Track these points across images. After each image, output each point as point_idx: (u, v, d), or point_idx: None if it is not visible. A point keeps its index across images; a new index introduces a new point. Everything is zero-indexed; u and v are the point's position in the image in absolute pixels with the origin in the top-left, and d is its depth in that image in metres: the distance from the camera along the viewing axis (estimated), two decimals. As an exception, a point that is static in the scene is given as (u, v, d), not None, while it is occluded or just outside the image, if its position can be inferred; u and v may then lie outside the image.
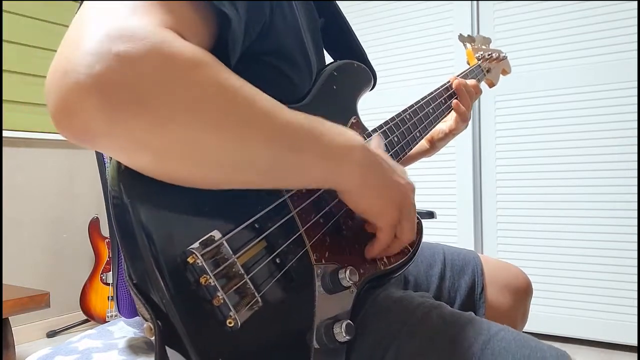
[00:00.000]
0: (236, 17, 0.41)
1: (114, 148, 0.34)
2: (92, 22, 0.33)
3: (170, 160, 0.35)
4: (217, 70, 0.36)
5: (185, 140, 0.34)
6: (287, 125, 0.40)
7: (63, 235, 2.36)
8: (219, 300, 0.37)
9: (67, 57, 0.32)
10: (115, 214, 0.38)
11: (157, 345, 0.36)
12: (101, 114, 0.31)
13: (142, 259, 0.36)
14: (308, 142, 0.42)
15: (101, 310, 2.20)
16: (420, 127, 0.73)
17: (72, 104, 0.31)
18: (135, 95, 0.31)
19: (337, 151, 0.44)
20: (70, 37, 0.34)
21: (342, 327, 0.44)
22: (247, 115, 0.37)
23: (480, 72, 0.98)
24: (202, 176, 0.38)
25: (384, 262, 0.56)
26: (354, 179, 0.47)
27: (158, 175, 0.37)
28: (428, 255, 0.81)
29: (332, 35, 0.74)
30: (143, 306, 0.37)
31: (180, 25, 0.37)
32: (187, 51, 0.34)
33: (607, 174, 1.90)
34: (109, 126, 0.32)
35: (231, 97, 0.36)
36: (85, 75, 0.31)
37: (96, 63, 0.31)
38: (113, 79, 0.31)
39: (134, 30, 0.32)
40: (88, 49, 0.31)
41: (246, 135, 0.37)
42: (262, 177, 0.41)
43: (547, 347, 0.52)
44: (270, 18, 0.50)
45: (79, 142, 0.34)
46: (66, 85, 0.31)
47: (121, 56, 0.31)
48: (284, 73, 0.54)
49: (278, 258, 0.44)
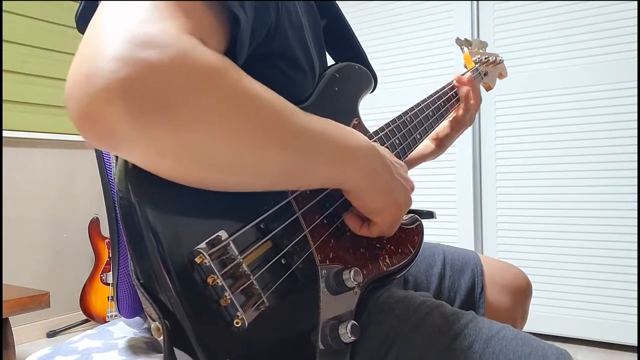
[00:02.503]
0: (244, 19, 0.42)
1: (137, 153, 0.34)
2: (112, 26, 0.33)
3: (191, 165, 0.36)
4: (238, 77, 0.36)
5: (206, 147, 0.35)
6: (301, 131, 0.41)
7: (63, 235, 2.36)
8: (226, 300, 0.38)
9: (89, 62, 0.32)
10: (123, 214, 0.38)
11: (166, 345, 0.36)
12: (126, 119, 0.31)
13: (149, 259, 0.36)
14: (319, 147, 0.43)
15: (101, 310, 2.20)
16: (420, 129, 0.74)
17: (96, 109, 0.31)
18: (160, 102, 0.32)
19: (345, 153, 0.46)
20: (89, 41, 0.33)
21: (347, 328, 0.45)
22: (267, 121, 0.38)
23: (478, 76, 0.99)
24: (215, 179, 0.38)
25: (387, 263, 0.56)
26: (360, 180, 0.48)
27: (175, 178, 0.37)
28: (428, 255, 0.81)
29: (334, 37, 0.74)
30: (150, 306, 0.37)
31: (199, 29, 0.37)
32: (210, 59, 0.34)
33: (607, 174, 1.90)
34: (133, 132, 0.32)
35: (252, 103, 0.37)
36: (111, 80, 0.31)
37: (121, 69, 0.31)
38: (139, 85, 0.31)
39: (157, 36, 0.33)
40: (113, 54, 0.31)
41: (265, 140, 0.38)
42: (273, 180, 0.42)
43: (548, 346, 0.52)
44: (277, 20, 0.50)
45: (101, 147, 0.34)
46: (91, 91, 0.31)
47: (147, 63, 0.31)
48: (287, 74, 0.54)
49: (283, 259, 0.44)
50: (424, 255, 0.81)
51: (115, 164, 0.40)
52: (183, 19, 0.36)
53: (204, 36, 0.37)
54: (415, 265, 0.79)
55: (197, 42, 0.35)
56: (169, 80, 0.32)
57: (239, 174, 0.38)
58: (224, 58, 0.36)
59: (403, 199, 0.53)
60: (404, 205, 0.53)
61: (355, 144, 0.47)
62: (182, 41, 0.34)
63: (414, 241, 0.60)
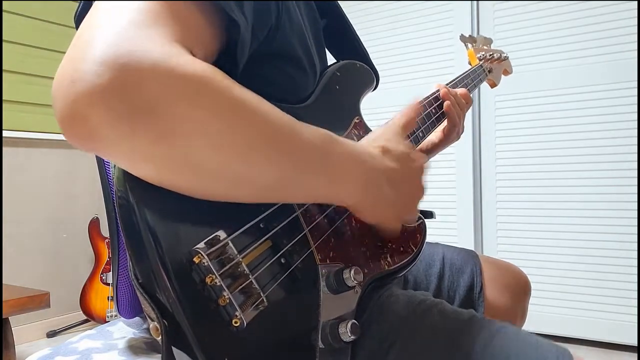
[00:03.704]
0: (244, 23, 0.41)
1: (118, 157, 0.35)
2: (101, 29, 0.33)
3: (172, 172, 0.36)
4: (225, 86, 0.36)
5: (188, 155, 0.34)
6: (292, 145, 0.40)
7: (63, 235, 2.36)
8: (224, 299, 0.37)
9: (74, 64, 0.32)
10: (121, 214, 0.38)
11: (164, 344, 0.36)
12: (106, 123, 0.31)
13: (147, 258, 0.36)
14: (312, 163, 0.42)
15: (101, 310, 2.20)
16: (423, 127, 0.73)
17: (78, 112, 0.31)
18: (141, 108, 0.32)
19: (339, 171, 0.44)
20: (78, 43, 0.33)
21: (348, 327, 0.44)
22: (252, 133, 0.37)
23: (482, 73, 0.99)
24: (201, 188, 0.38)
25: (388, 262, 0.56)
26: (357, 196, 0.47)
27: (159, 184, 0.37)
28: (427, 255, 0.81)
29: (335, 36, 0.74)
30: (149, 306, 0.37)
31: (188, 35, 0.37)
32: (194, 67, 0.34)
33: (607, 174, 1.90)
34: (114, 136, 0.32)
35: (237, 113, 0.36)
36: (94, 84, 0.31)
37: (104, 73, 0.31)
38: (119, 90, 0.31)
39: (142, 42, 0.33)
40: (96, 59, 0.31)
41: (249, 153, 0.37)
42: (263, 193, 0.41)
43: (549, 344, 0.52)
44: (277, 20, 0.50)
45: (84, 149, 0.34)
46: (74, 93, 0.31)
47: (130, 68, 0.31)
48: (288, 73, 0.54)
49: (283, 258, 0.44)
50: (424, 255, 0.81)
51: (114, 164, 0.40)
52: (173, 26, 0.36)
53: (194, 41, 0.37)
54: (415, 264, 0.79)
55: (182, 50, 0.35)
56: (150, 87, 0.32)
57: (224, 184, 0.38)
58: (211, 67, 0.36)
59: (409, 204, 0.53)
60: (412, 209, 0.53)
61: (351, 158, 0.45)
62: (167, 48, 0.34)
63: (416, 240, 0.60)
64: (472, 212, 2.15)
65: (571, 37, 1.98)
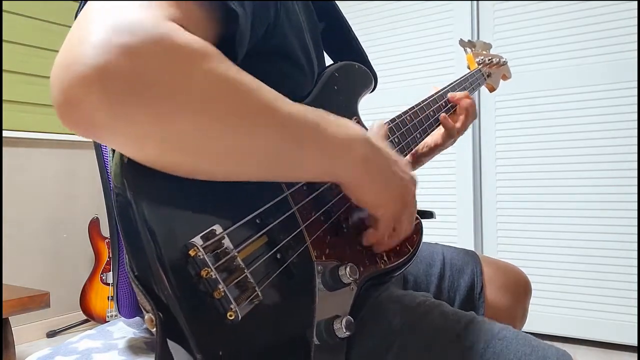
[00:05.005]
0: (243, 15, 0.42)
1: (117, 140, 0.34)
2: (98, 17, 0.33)
3: (173, 151, 0.35)
4: (220, 62, 0.36)
5: (188, 132, 0.34)
6: (289, 118, 0.40)
7: (63, 236, 2.36)
8: (219, 293, 0.38)
9: (71, 50, 0.32)
10: (118, 208, 0.38)
11: (158, 336, 0.36)
12: (103, 106, 0.31)
13: (144, 251, 0.36)
14: (309, 135, 0.42)
15: (101, 310, 2.20)
16: (420, 129, 0.74)
17: (74, 96, 0.31)
18: (137, 87, 0.31)
19: (337, 145, 0.44)
20: (74, 32, 0.34)
21: (342, 323, 0.45)
22: (251, 107, 0.37)
23: (481, 77, 0.99)
24: (202, 167, 0.38)
25: (384, 261, 0.56)
26: (355, 172, 0.47)
27: (160, 167, 0.37)
28: (427, 255, 0.81)
29: (333, 38, 0.74)
30: (144, 298, 0.37)
31: (186, 20, 0.36)
32: (191, 43, 0.34)
33: (607, 174, 1.90)
34: (111, 118, 0.32)
35: (235, 88, 0.36)
36: (88, 67, 0.31)
37: (99, 55, 0.31)
38: (115, 70, 0.31)
39: (137, 22, 0.32)
40: (92, 42, 0.31)
41: (249, 126, 0.37)
42: (262, 170, 0.41)
43: (549, 346, 0.52)
44: (275, 18, 0.50)
45: (82, 134, 0.34)
46: (69, 78, 0.31)
47: (123, 48, 0.31)
48: (286, 72, 0.54)
49: (279, 253, 0.44)
50: (424, 255, 0.81)
51: (112, 160, 0.40)
52: (170, 9, 0.36)
53: (191, 26, 0.37)
54: (415, 265, 0.79)
55: (179, 27, 0.35)
56: (146, 65, 0.32)
57: (225, 161, 0.38)
58: (208, 44, 0.36)
59: (403, 193, 0.52)
60: (405, 201, 0.52)
61: (347, 136, 0.45)
62: (163, 26, 0.33)
63: (413, 240, 0.60)
64: (472, 212, 2.15)
65: (571, 37, 1.98)
